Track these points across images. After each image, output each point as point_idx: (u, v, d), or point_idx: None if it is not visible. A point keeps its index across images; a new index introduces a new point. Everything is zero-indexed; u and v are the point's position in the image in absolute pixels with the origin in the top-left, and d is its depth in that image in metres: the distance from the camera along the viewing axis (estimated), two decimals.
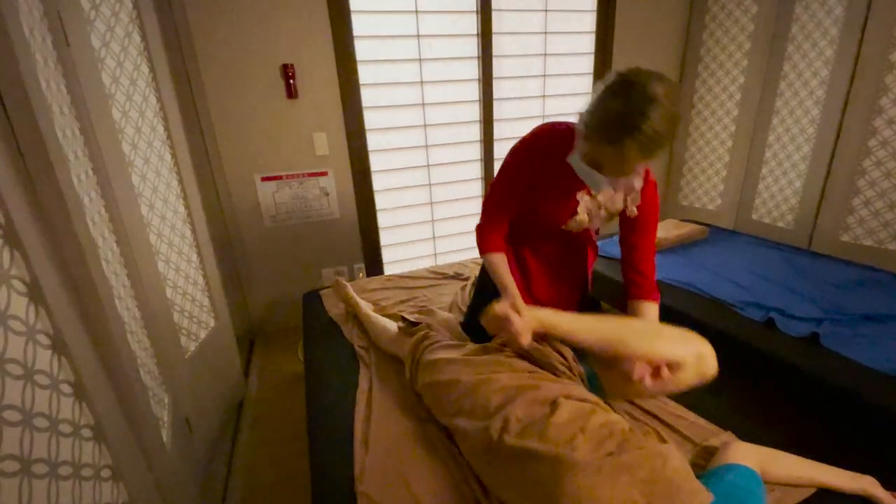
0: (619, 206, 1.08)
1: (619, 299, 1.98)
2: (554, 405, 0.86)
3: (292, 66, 2.02)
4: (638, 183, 1.05)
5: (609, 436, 0.79)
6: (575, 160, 0.96)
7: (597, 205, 1.09)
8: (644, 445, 0.78)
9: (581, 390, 0.94)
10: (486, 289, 1.27)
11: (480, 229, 1.19)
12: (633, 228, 1.11)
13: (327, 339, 1.59)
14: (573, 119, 0.97)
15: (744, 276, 1.80)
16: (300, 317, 1.87)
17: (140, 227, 1.23)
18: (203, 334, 1.60)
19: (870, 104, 2.05)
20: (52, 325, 0.69)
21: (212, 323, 1.68)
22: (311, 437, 1.12)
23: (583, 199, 1.09)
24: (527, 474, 0.78)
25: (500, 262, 1.16)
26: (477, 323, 1.02)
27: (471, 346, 1.13)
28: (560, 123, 1.08)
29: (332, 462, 1.02)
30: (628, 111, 0.80)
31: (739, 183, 2.65)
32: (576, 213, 1.10)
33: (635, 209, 1.06)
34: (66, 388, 0.70)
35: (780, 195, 2.47)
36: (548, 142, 1.06)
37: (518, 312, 0.89)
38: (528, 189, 1.11)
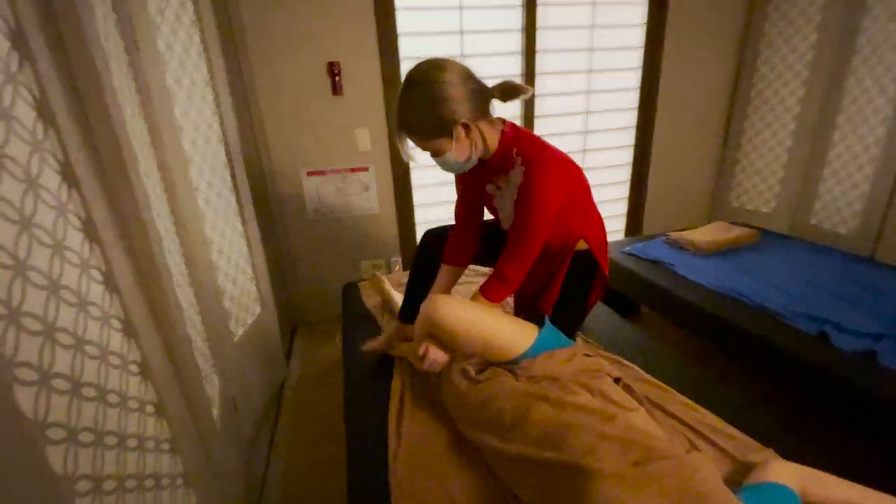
0: (512, 189, 1.15)
1: (657, 301, 1.92)
2: (569, 410, 0.86)
3: (338, 63, 2.08)
4: (517, 178, 1.12)
5: (633, 444, 0.79)
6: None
7: (501, 194, 1.20)
8: (671, 455, 0.77)
9: (586, 396, 0.92)
10: None
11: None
12: (513, 224, 1.17)
13: (365, 329, 1.64)
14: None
15: (796, 284, 1.70)
16: (339, 306, 1.95)
17: (196, 218, 1.31)
18: (250, 320, 1.70)
19: None
20: (124, 311, 0.76)
21: (258, 310, 1.77)
22: (348, 426, 1.18)
23: (490, 189, 1.22)
24: (551, 483, 0.79)
25: (442, 271, 1.35)
26: None
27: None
28: None
29: (367, 451, 1.07)
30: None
31: (798, 184, 2.49)
32: (495, 207, 1.24)
33: (511, 203, 1.15)
34: (133, 368, 0.78)
35: (843, 199, 2.30)
36: None
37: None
38: (468, 192, 1.30)
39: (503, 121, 1.16)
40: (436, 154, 1.09)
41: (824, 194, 2.39)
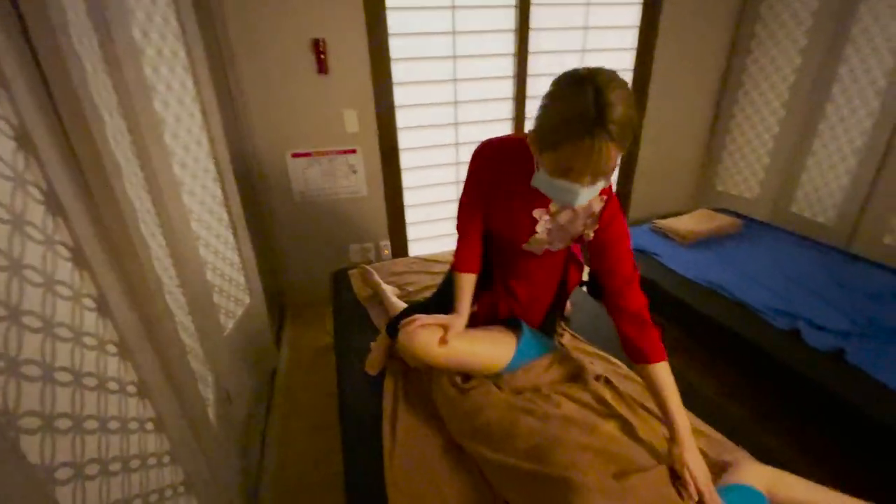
0: (579, 228, 1.04)
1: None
2: (553, 423, 0.90)
3: (323, 40, 1.98)
4: (596, 205, 1.00)
5: (614, 456, 0.84)
6: (541, 178, 0.91)
7: (557, 225, 1.05)
8: (648, 466, 0.83)
9: (568, 405, 0.97)
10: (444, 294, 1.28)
11: (456, 245, 1.20)
12: (601, 254, 1.03)
13: (356, 320, 1.65)
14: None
15: (775, 278, 1.77)
16: (328, 290, 1.95)
17: (182, 215, 1.27)
18: (239, 311, 1.69)
19: None
20: (118, 335, 0.75)
21: (247, 300, 1.76)
22: (343, 422, 1.20)
23: (542, 217, 1.05)
24: (538, 494, 0.84)
25: (461, 282, 1.17)
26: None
27: None
28: (506, 137, 1.07)
29: (363, 447, 1.10)
30: (592, 99, 0.76)
31: (782, 172, 2.53)
32: (535, 231, 1.07)
33: (591, 233, 1.02)
34: (131, 389, 0.78)
35: (825, 189, 2.35)
36: (507, 151, 1.04)
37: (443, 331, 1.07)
38: (486, 197, 1.10)
39: None
40: (612, 170, 0.86)
41: (806, 183, 2.44)
